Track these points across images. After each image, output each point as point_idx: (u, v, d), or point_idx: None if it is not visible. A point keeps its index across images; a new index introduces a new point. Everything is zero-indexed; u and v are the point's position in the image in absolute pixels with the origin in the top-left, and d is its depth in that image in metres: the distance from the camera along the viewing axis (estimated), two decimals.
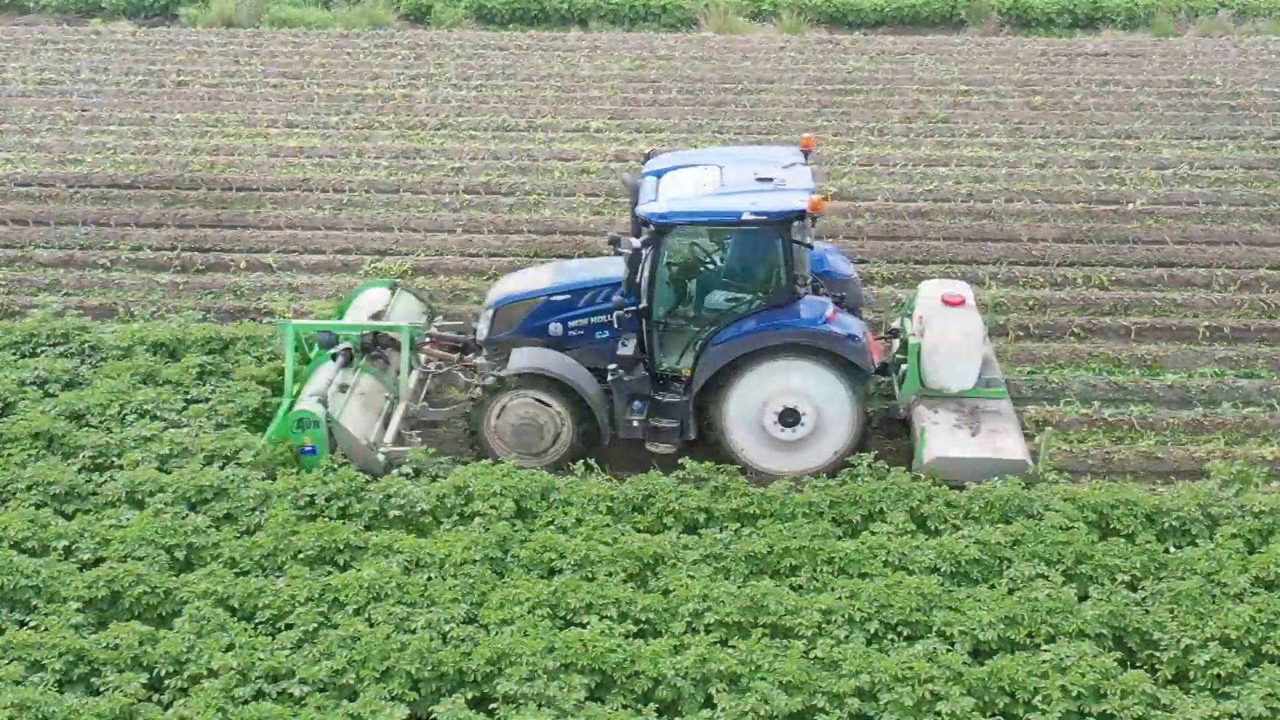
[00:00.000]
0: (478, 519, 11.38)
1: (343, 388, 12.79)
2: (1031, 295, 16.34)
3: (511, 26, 28.28)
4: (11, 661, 9.76)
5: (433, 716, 9.39)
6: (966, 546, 10.85)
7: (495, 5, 28.47)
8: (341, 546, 11.03)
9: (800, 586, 10.68)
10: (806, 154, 13.33)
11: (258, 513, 11.54)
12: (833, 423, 12.48)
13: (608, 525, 11.31)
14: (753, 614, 10.21)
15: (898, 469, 12.00)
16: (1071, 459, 12.99)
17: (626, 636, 10.02)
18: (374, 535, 11.19)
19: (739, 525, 11.31)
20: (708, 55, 25.92)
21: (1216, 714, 9.29)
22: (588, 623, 10.11)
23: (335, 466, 11.99)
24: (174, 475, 11.91)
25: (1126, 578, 10.63)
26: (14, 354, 14.32)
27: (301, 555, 10.94)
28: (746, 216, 12.11)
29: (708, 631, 10.09)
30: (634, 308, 12.48)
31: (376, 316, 13.88)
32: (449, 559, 10.86)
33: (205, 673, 9.72)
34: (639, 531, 11.33)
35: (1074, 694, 9.38)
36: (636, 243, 12.37)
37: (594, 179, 19.76)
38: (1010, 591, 10.48)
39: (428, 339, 13.96)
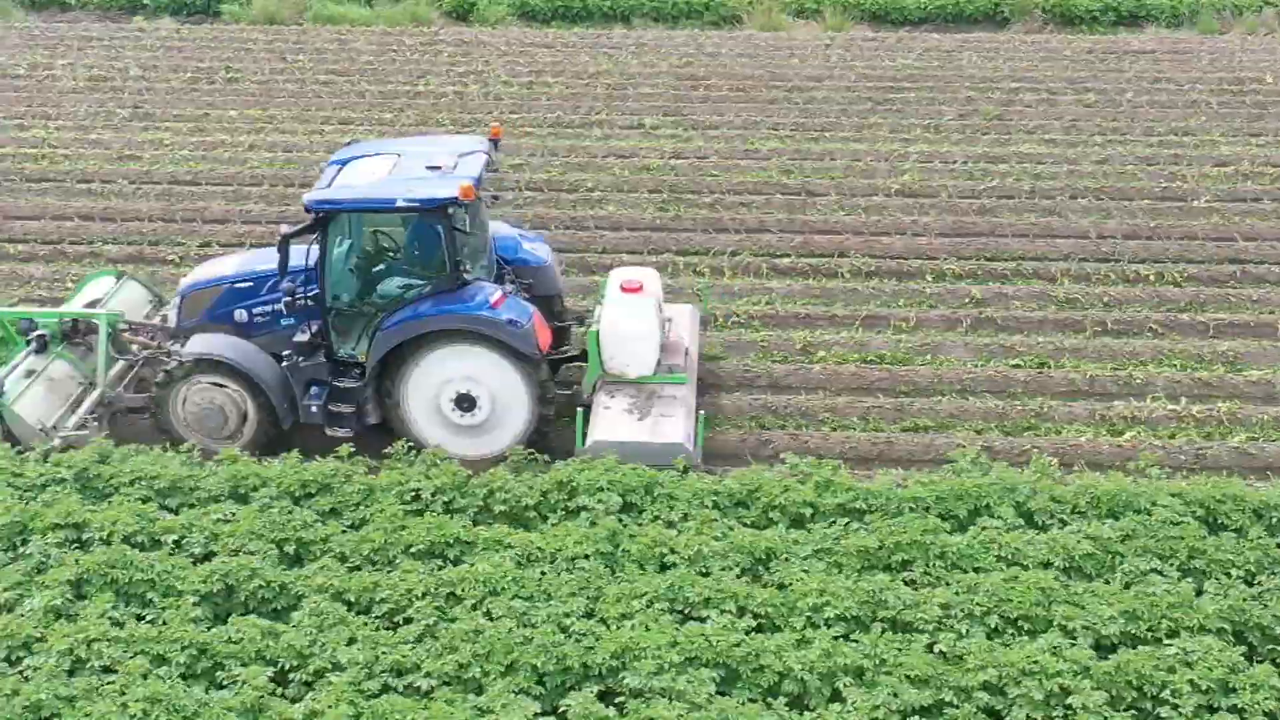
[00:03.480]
0: (584, 514, 11.38)
1: (29, 373, 13.00)
2: (1105, 292, 16.34)
3: (554, 24, 28.29)
4: (135, 655, 9.74)
5: (561, 710, 9.38)
6: (1078, 541, 10.84)
7: (538, 3, 28.47)
8: (451, 541, 11.02)
9: (913, 581, 10.67)
10: (495, 143, 13.52)
11: (362, 508, 11.54)
12: (510, 407, 12.68)
13: (714, 520, 11.30)
14: (871, 608, 10.20)
15: (999, 463, 12.01)
16: (1165, 455, 12.99)
17: (747, 631, 10.01)
18: (482, 530, 11.19)
19: (847, 520, 11.30)
20: (754, 52, 25.92)
21: None
22: (707, 617, 10.11)
23: (438, 461, 11.99)
24: (276, 469, 11.91)
25: (1241, 572, 10.62)
26: None
27: (412, 550, 10.93)
28: (400, 204, 12.33)
29: (827, 626, 10.08)
30: (305, 294, 12.62)
31: (95, 304, 14.00)
32: (560, 553, 10.85)
33: (329, 666, 9.71)
34: (746, 526, 11.33)
35: (1203, 688, 9.37)
36: (286, 230, 12.56)
37: (655, 175, 19.76)
38: (1126, 586, 10.46)
39: (127, 327, 13.95)
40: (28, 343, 13.30)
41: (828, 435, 13.45)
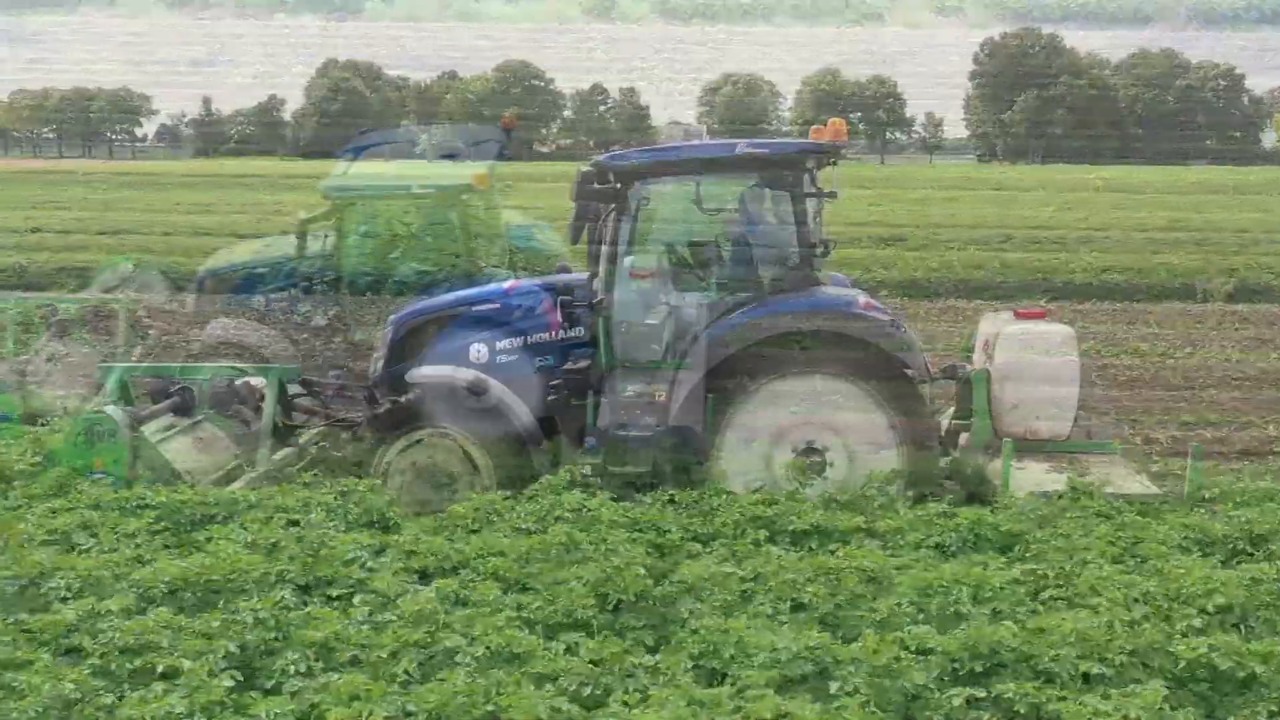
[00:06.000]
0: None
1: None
2: None
3: (694, 21, 28.46)
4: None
5: (994, 697, 9.41)
6: None
7: (679, 1, 28.59)
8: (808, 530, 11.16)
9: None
10: (509, 133, 13.69)
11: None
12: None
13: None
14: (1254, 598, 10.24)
15: None
16: None
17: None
18: (841, 520, 11.32)
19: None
20: (912, 51, 26.06)
21: None
22: (1099, 605, 10.17)
23: None
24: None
25: None
26: None
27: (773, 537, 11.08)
28: (415, 190, 12.70)
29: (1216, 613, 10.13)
30: (325, 280, 13.03)
31: (110, 291, 14.74)
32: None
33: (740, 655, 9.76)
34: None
35: None
36: (304, 214, 12.78)
37: (855, 171, 19.86)
38: None
39: (143, 311, 14.41)
40: (47, 328, 14.06)
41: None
